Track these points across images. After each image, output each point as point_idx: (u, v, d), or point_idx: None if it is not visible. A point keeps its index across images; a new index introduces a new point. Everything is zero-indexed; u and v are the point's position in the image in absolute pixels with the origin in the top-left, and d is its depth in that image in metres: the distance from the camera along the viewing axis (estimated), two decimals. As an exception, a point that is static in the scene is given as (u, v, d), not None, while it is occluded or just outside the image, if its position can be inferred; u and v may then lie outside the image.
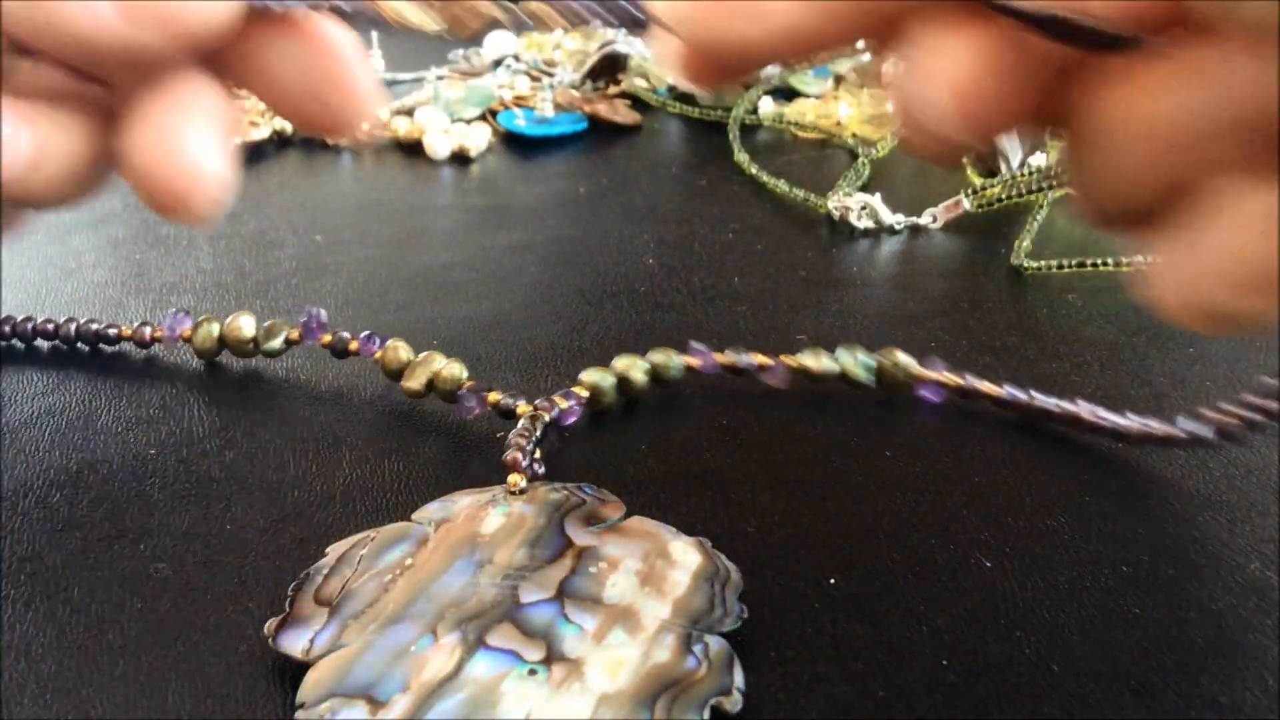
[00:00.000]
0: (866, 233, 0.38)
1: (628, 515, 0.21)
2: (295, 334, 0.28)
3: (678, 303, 0.33)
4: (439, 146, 0.49)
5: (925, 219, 0.38)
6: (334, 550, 0.20)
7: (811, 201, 0.40)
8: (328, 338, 0.27)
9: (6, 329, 0.28)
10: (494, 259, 0.36)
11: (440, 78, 0.56)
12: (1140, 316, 0.31)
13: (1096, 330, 0.31)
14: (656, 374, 0.26)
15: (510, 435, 0.23)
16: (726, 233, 0.38)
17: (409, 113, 0.55)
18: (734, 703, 0.17)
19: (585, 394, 0.25)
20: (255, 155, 0.50)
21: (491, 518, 0.21)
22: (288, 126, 0.52)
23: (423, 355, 0.26)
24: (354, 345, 0.27)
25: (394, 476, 0.24)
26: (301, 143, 0.52)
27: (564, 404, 0.24)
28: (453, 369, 0.25)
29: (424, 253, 0.37)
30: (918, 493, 0.23)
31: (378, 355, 0.26)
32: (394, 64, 0.60)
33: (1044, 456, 0.25)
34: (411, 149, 0.52)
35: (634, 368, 0.26)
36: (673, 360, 0.26)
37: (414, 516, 0.21)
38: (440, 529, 0.20)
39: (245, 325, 0.28)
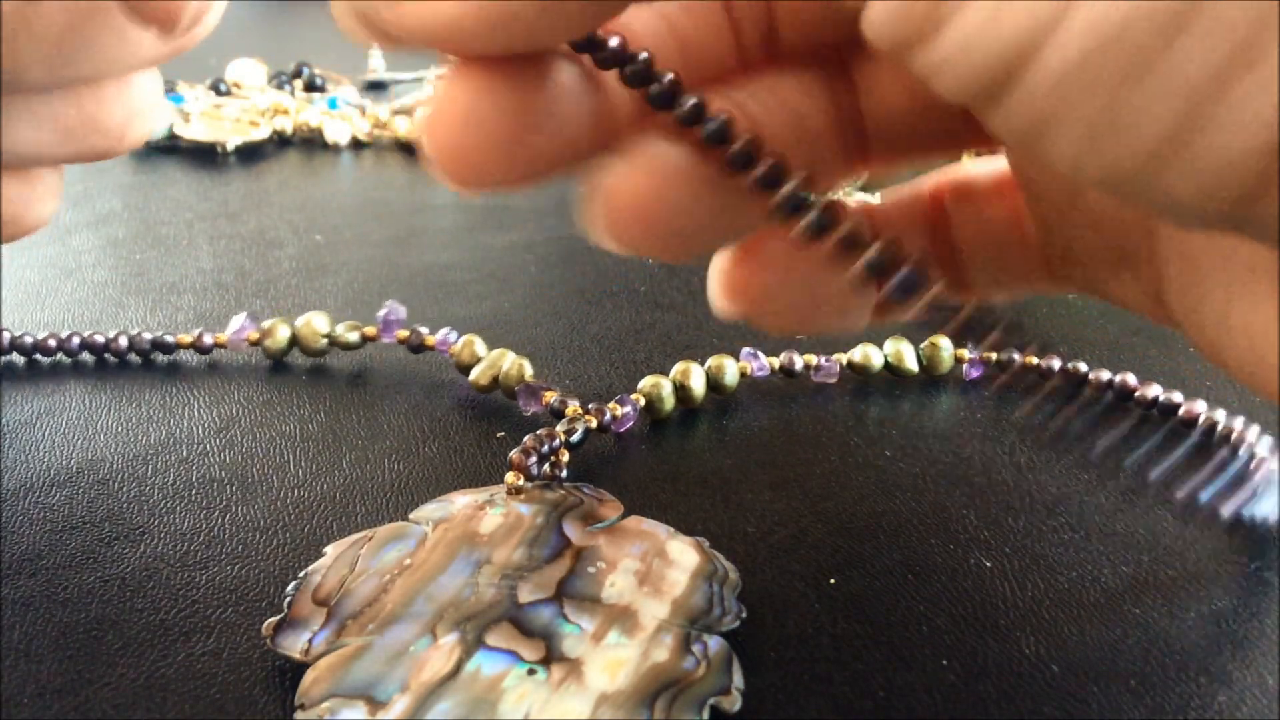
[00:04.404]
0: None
1: (626, 515, 0.21)
2: (372, 331, 0.29)
3: (678, 302, 0.33)
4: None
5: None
6: (332, 550, 0.20)
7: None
8: (404, 333, 0.28)
9: (52, 343, 0.28)
10: (494, 259, 0.36)
11: (440, 77, 0.56)
12: (1140, 316, 0.31)
13: (1096, 330, 0.31)
14: (711, 381, 0.27)
15: (527, 436, 0.23)
16: (727, 232, 0.38)
17: (409, 113, 0.55)
18: (733, 702, 0.17)
19: (641, 400, 0.25)
20: (255, 155, 0.50)
21: (489, 517, 0.21)
22: (288, 126, 0.52)
23: (495, 352, 0.27)
24: (430, 341, 0.28)
25: (394, 476, 0.24)
26: (301, 143, 0.52)
27: (618, 410, 0.25)
28: (516, 366, 0.26)
29: (424, 252, 0.37)
30: (918, 493, 0.23)
31: (453, 350, 0.28)
32: (394, 64, 0.60)
33: (1044, 456, 0.24)
34: (411, 149, 0.52)
35: (691, 375, 0.26)
36: (726, 365, 0.27)
37: (411, 516, 0.21)
38: (438, 529, 0.20)
39: (319, 324, 0.28)
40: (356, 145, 0.52)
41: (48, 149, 0.21)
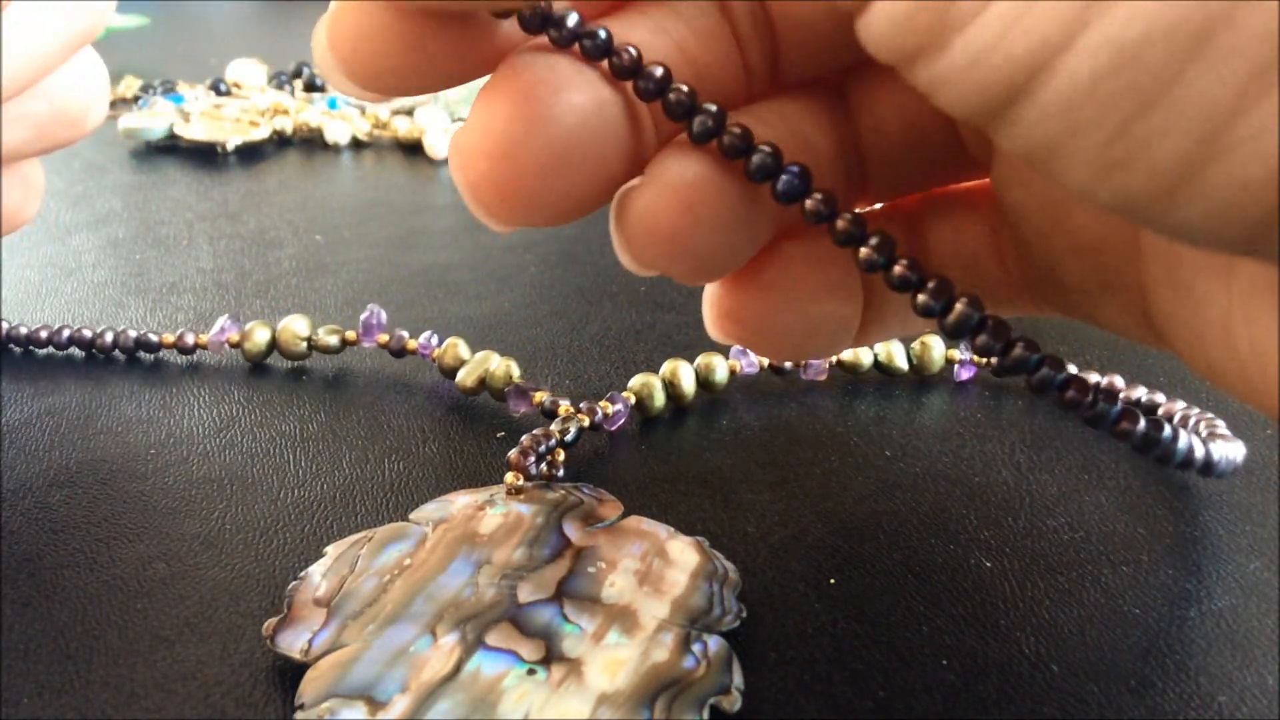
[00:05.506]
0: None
1: (626, 515, 0.21)
2: (353, 335, 0.28)
3: (678, 302, 0.33)
4: (439, 146, 0.49)
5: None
6: (332, 550, 0.20)
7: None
8: (384, 338, 0.28)
9: (43, 335, 0.29)
10: (494, 259, 0.36)
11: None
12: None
13: (1096, 330, 0.31)
14: (701, 379, 0.27)
15: (524, 436, 0.23)
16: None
17: (409, 113, 0.55)
18: (733, 702, 0.17)
19: (632, 398, 0.25)
20: (255, 155, 0.50)
21: (489, 517, 0.21)
22: (288, 126, 0.52)
23: (480, 354, 0.27)
24: (412, 345, 0.28)
25: (394, 476, 0.24)
26: (301, 143, 0.52)
27: (609, 408, 0.25)
28: (502, 368, 0.26)
29: (424, 253, 0.37)
30: (918, 493, 0.23)
31: (436, 354, 0.27)
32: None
33: (1044, 456, 0.24)
34: (411, 149, 0.52)
35: (680, 373, 0.26)
36: (716, 363, 0.27)
37: (411, 516, 0.21)
38: (438, 529, 0.20)
39: (299, 328, 0.28)
40: (356, 145, 0.52)
41: (26, 146, 0.23)
